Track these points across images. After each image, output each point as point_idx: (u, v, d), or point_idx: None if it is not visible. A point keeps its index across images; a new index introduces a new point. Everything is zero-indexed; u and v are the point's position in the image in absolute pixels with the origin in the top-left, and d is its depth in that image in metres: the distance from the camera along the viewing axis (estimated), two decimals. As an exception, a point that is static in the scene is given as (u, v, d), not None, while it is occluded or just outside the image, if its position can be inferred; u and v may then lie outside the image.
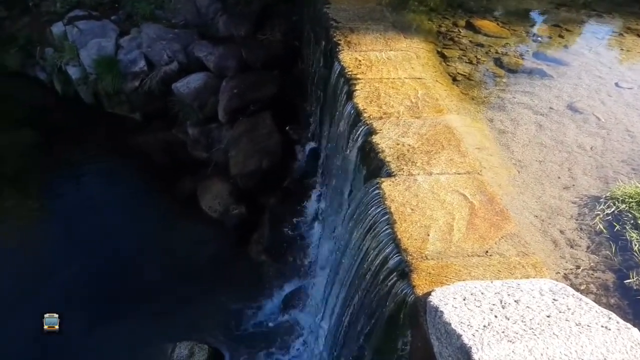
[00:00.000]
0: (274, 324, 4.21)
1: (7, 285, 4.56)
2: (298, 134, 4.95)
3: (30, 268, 4.74)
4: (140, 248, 5.01)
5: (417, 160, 2.77)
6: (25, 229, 5.14)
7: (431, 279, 2.22)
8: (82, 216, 5.30)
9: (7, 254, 4.87)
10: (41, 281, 4.65)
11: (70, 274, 4.72)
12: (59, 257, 4.87)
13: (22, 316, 4.32)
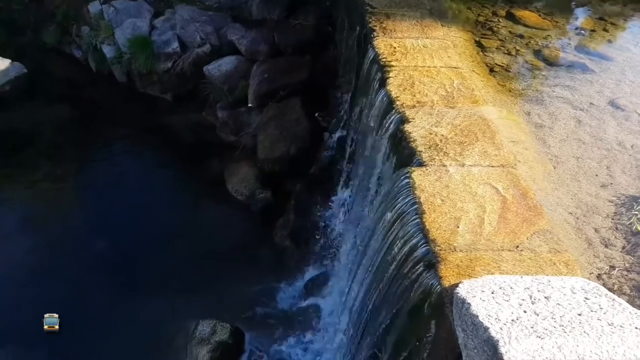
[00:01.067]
0: (295, 309, 4.24)
1: (37, 256, 4.69)
2: (327, 121, 4.93)
3: (60, 241, 4.87)
4: (166, 226, 5.09)
5: (450, 150, 2.72)
6: (57, 202, 5.28)
7: (459, 271, 2.19)
8: (112, 192, 5.41)
9: (39, 226, 5.01)
10: (70, 254, 4.77)
11: (98, 248, 4.84)
12: (88, 232, 4.99)
13: (49, 285, 4.46)
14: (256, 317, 4.25)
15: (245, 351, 4.07)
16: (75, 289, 4.49)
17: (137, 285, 4.54)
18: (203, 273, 4.63)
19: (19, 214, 5.16)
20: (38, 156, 5.67)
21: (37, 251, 4.77)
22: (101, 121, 6.15)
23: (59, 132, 5.94)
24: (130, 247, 4.90)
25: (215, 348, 3.91)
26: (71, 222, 5.12)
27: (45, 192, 5.39)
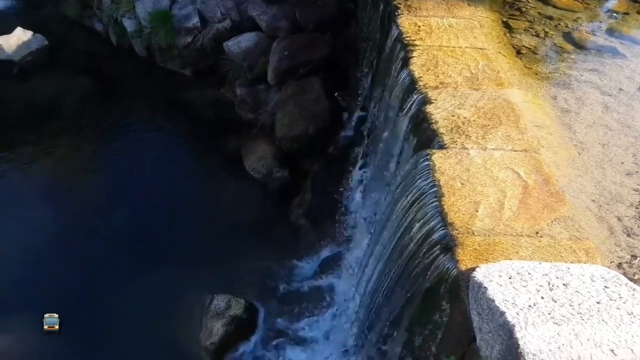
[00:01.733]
0: (309, 287, 4.27)
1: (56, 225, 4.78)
2: (346, 101, 4.88)
3: (78, 211, 4.95)
4: (183, 202, 5.14)
5: (472, 133, 2.68)
6: (76, 172, 5.35)
7: (476, 255, 2.17)
8: (130, 165, 5.47)
9: (58, 196, 5.10)
10: (88, 224, 4.85)
11: (116, 219, 4.91)
12: (106, 203, 5.06)
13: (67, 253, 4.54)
14: (270, 293, 4.29)
15: (258, 326, 4.13)
16: (93, 258, 4.57)
17: (153, 258, 4.61)
18: (219, 248, 4.68)
19: (39, 183, 5.25)
20: (58, 127, 5.73)
21: (56, 220, 4.86)
22: (120, 95, 6.18)
23: (79, 104, 5.99)
24: (147, 220, 4.96)
25: (229, 322, 3.98)
26: (89, 194, 5.19)
27: (65, 162, 5.46)
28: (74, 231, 4.78)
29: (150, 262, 4.57)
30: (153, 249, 4.71)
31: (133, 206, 5.05)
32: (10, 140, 5.56)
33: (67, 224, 4.84)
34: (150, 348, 4.05)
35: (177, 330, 4.16)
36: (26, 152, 5.49)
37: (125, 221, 4.92)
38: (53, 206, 5.00)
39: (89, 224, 4.86)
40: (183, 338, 4.12)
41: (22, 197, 5.06)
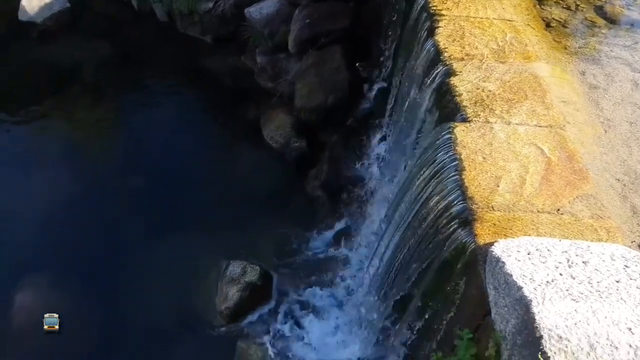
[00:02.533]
0: (323, 258, 4.30)
1: (75, 188, 4.85)
2: (368, 72, 4.80)
3: (97, 175, 5.01)
4: (201, 168, 5.17)
5: (496, 107, 2.63)
6: (96, 136, 5.41)
7: (495, 230, 2.16)
8: (149, 131, 5.49)
9: (78, 159, 5.16)
10: (106, 188, 4.91)
11: (134, 184, 4.95)
12: (125, 167, 5.11)
13: (86, 216, 4.63)
14: (285, 262, 4.33)
15: (272, 294, 4.18)
16: (111, 221, 4.65)
17: (171, 223, 4.67)
18: (235, 215, 4.72)
19: (59, 146, 5.30)
20: (79, 91, 5.76)
21: (75, 183, 4.92)
22: (141, 59, 6.17)
23: (100, 67, 6.00)
24: (165, 185, 5.00)
25: (244, 288, 4.03)
26: (108, 157, 5.24)
27: (85, 125, 5.51)
28: (92, 194, 4.85)
29: (167, 227, 4.63)
30: (170, 213, 4.76)
31: (151, 171, 5.09)
32: (31, 102, 5.61)
33: (86, 187, 4.91)
34: (167, 310, 4.14)
35: (193, 293, 4.24)
36: (46, 115, 5.55)
37: (144, 186, 4.97)
38: (72, 169, 5.06)
39: (107, 187, 4.93)
40: (199, 301, 4.20)
41: (42, 160, 5.12)
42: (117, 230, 4.61)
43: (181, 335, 4.03)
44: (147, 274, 4.33)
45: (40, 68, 5.96)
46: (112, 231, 4.60)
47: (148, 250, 4.48)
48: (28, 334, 3.92)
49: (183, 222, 4.69)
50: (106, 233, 4.59)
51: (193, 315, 4.15)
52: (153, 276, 4.31)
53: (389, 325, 2.96)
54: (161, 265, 4.38)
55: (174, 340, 4.01)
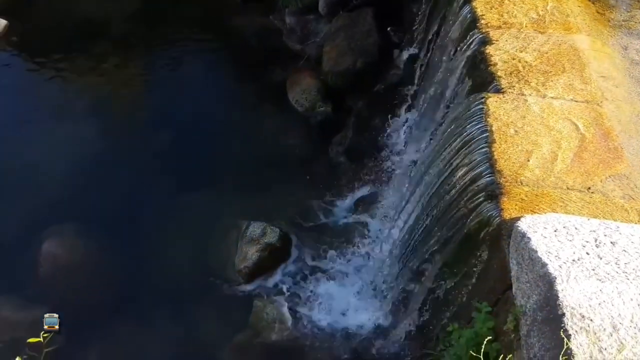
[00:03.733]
0: (343, 223, 4.30)
1: (102, 142, 4.91)
2: (399, 37, 4.67)
3: (124, 130, 5.06)
4: (224, 129, 5.17)
5: (532, 79, 2.54)
6: (123, 92, 5.43)
7: (522, 205, 2.12)
8: (175, 89, 5.49)
9: (105, 114, 5.21)
10: (132, 143, 4.95)
11: (159, 141, 4.98)
12: (150, 125, 5.14)
13: (112, 171, 4.71)
14: (305, 225, 4.35)
15: (290, 256, 4.23)
16: (135, 177, 4.71)
17: (193, 181, 4.72)
18: (257, 177, 4.73)
19: (88, 99, 5.34)
20: (108, 45, 5.75)
21: (102, 137, 4.98)
22: (169, 17, 6.10)
23: (129, 23, 5.96)
24: (189, 143, 5.03)
25: (263, 248, 4.08)
26: (135, 113, 5.28)
27: (113, 80, 5.52)
28: (118, 148, 4.91)
29: (189, 184, 4.68)
30: (193, 171, 4.81)
31: (176, 128, 5.11)
32: (60, 56, 5.63)
33: (113, 141, 4.96)
34: (187, 265, 4.23)
35: (213, 251, 4.31)
36: (76, 68, 5.57)
37: (169, 143, 5.00)
38: (99, 122, 5.10)
39: (133, 142, 4.98)
40: (218, 259, 4.27)
41: (70, 112, 5.17)
42: (141, 185, 4.68)
43: (199, 291, 4.12)
44: (169, 229, 4.40)
45: (71, 21, 5.96)
46: (136, 186, 4.67)
47: (170, 206, 4.55)
48: (52, 281, 4.08)
49: (205, 180, 4.73)
50: (131, 187, 4.66)
51: (212, 272, 4.22)
52: (175, 231, 4.39)
53: (405, 294, 2.98)
54: (183, 221, 4.45)
55: (192, 295, 4.11)
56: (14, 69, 5.56)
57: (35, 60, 5.64)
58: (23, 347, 2.50)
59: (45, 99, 5.29)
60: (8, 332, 3.49)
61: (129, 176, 4.72)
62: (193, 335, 3.94)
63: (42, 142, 4.84)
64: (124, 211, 4.52)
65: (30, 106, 5.22)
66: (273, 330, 3.88)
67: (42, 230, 4.25)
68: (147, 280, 4.16)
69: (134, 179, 4.71)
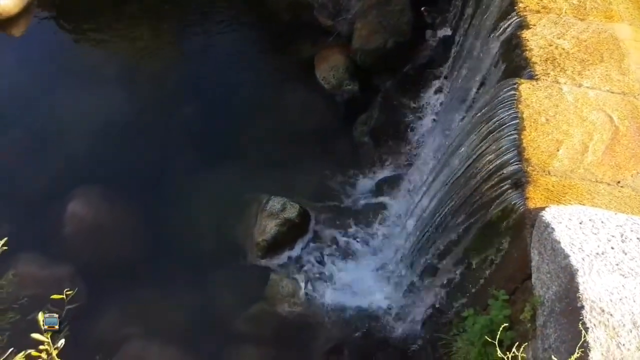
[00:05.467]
0: (363, 203, 4.30)
1: (132, 107, 4.97)
2: (433, 17, 4.56)
3: (153, 97, 5.10)
4: (250, 102, 5.17)
5: (568, 67, 2.47)
6: (154, 59, 5.45)
7: (548, 195, 2.08)
8: (204, 59, 5.49)
9: (135, 80, 5.25)
10: (160, 111, 5.00)
11: (185, 111, 5.03)
12: (178, 93, 5.17)
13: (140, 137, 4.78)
14: (324, 203, 4.36)
15: (309, 232, 4.25)
16: (160, 144, 4.77)
17: (217, 152, 4.75)
18: (279, 151, 4.74)
19: (117, 66, 5.38)
20: (139, 14, 5.75)
21: (129, 102, 5.03)
22: (202, -15, 6.08)
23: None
24: (215, 113, 5.06)
25: (282, 223, 4.11)
26: (163, 82, 5.29)
27: (143, 49, 5.54)
28: (145, 114, 4.96)
29: (213, 155, 4.72)
30: (217, 142, 4.84)
31: (203, 98, 5.13)
32: (92, 23, 5.67)
33: (140, 107, 5.01)
34: (206, 234, 4.30)
35: (233, 222, 4.36)
36: (106, 36, 5.60)
37: (194, 112, 5.03)
38: (127, 88, 5.14)
39: (160, 109, 5.02)
40: (237, 230, 4.32)
41: (100, 76, 5.22)
42: (167, 153, 4.74)
43: (218, 259, 4.20)
44: (192, 198, 4.47)
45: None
46: (162, 153, 4.73)
47: (194, 175, 4.60)
48: (76, 241, 4.19)
49: (229, 151, 4.76)
50: (156, 154, 4.72)
51: (231, 242, 4.28)
52: (197, 200, 4.45)
53: (422, 278, 2.98)
54: (205, 190, 4.50)
55: (210, 262, 4.18)
56: (47, 34, 5.63)
57: (68, 26, 5.69)
58: (46, 303, 2.61)
59: (77, 64, 5.35)
60: (33, 287, 3.61)
61: (155, 143, 4.78)
62: (209, 301, 4.01)
63: (73, 106, 4.92)
64: (149, 177, 4.60)
65: (62, 70, 5.29)
66: (287, 304, 3.94)
67: (69, 191, 4.35)
68: (168, 245, 4.25)
69: (160, 146, 4.77)
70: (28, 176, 4.44)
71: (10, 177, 4.42)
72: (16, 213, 4.18)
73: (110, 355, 3.61)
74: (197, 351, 3.78)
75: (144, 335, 3.81)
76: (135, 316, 3.91)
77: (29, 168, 4.49)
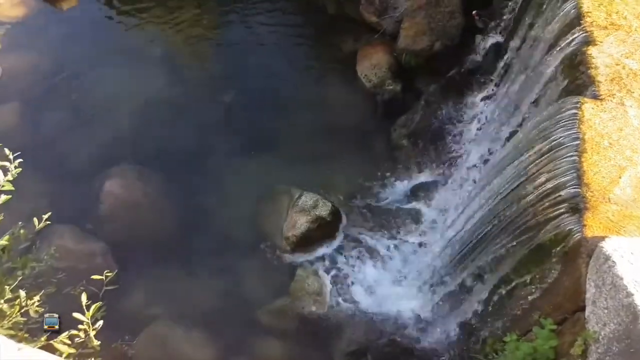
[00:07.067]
0: (396, 208, 4.22)
1: (172, 92, 4.99)
2: (484, 22, 4.42)
3: (194, 83, 5.13)
4: (288, 94, 5.14)
5: (636, 89, 2.34)
6: (196, 47, 5.47)
7: (607, 225, 1.98)
8: (246, 49, 5.47)
9: (174, 64, 5.27)
10: (201, 97, 5.01)
11: (226, 99, 5.02)
12: (219, 81, 5.18)
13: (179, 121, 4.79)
14: (357, 204, 4.30)
15: (339, 231, 4.20)
16: (199, 131, 4.78)
17: (252, 141, 4.74)
18: (315, 147, 4.70)
19: (162, 48, 5.43)
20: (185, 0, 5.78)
21: (171, 87, 5.06)
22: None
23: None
24: (253, 103, 5.03)
25: (313, 220, 4.07)
26: (204, 67, 5.33)
27: (187, 34, 5.56)
28: (184, 99, 4.98)
29: (248, 144, 4.71)
30: (253, 132, 4.82)
31: (242, 87, 5.12)
32: (137, 3, 5.71)
33: (179, 92, 5.04)
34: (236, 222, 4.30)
35: (264, 213, 4.34)
36: (151, 19, 5.63)
37: (233, 100, 5.02)
38: (169, 72, 5.19)
39: (198, 95, 5.04)
40: (267, 222, 4.30)
41: (143, 60, 5.26)
42: (203, 139, 4.75)
43: (246, 249, 4.19)
44: (225, 185, 4.48)
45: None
46: (198, 138, 4.75)
47: (228, 162, 4.61)
48: (111, 218, 4.23)
49: (264, 142, 4.74)
50: (193, 139, 4.75)
51: (260, 233, 4.27)
52: (229, 187, 4.46)
53: (457, 292, 2.90)
54: (238, 179, 4.50)
55: (238, 251, 4.18)
56: (95, 12, 5.70)
57: (115, 5, 5.74)
58: (81, 277, 2.64)
59: (122, 43, 5.42)
60: (68, 260, 3.67)
61: (194, 127, 4.81)
62: (234, 289, 4.02)
63: (116, 84, 4.98)
64: (185, 160, 4.63)
65: (107, 48, 5.36)
66: (312, 301, 3.91)
67: (107, 169, 4.41)
68: (198, 228, 4.28)
69: (199, 130, 4.79)
70: (70, 152, 4.54)
71: (53, 152, 4.53)
72: (57, 187, 4.28)
73: (136, 334, 3.65)
74: (219, 338, 3.80)
75: (169, 316, 3.85)
76: (162, 296, 3.96)
77: (71, 144, 4.59)
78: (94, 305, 2.08)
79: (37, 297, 2.09)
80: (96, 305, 2.09)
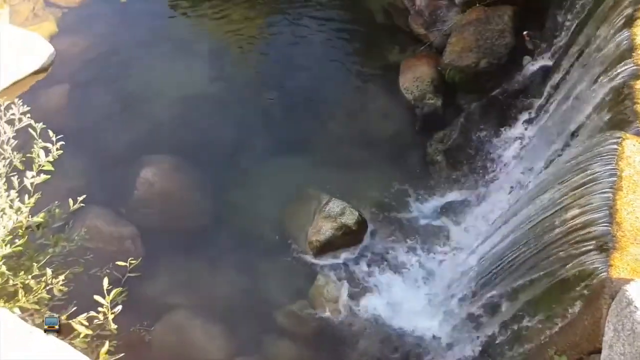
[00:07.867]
0: (424, 223, 4.17)
1: (217, 87, 5.11)
2: (534, 44, 4.31)
3: (237, 81, 5.24)
4: (328, 99, 5.16)
5: (683, 129, 2.24)
6: (241, 44, 5.57)
7: (635, 267, 1.90)
8: (290, 52, 5.54)
9: (220, 62, 5.38)
10: (244, 95, 5.11)
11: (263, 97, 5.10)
12: (261, 81, 5.27)
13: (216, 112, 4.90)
14: (385, 216, 4.27)
15: (363, 241, 4.18)
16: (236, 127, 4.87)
17: (287, 143, 4.80)
18: (348, 154, 4.70)
19: (209, 43, 5.56)
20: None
21: (214, 82, 5.18)
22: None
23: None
24: (292, 105, 5.09)
25: (339, 227, 4.07)
26: (248, 66, 5.42)
27: (235, 32, 5.67)
28: (225, 96, 5.09)
29: (283, 144, 4.77)
30: (289, 134, 4.87)
31: (283, 89, 5.19)
32: (192, 1, 5.86)
33: (221, 88, 5.15)
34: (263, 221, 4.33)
35: (290, 216, 4.37)
36: (199, 18, 5.77)
37: (272, 101, 5.09)
38: (214, 67, 5.31)
39: (239, 93, 5.14)
40: (293, 225, 4.32)
41: (190, 54, 5.40)
42: (240, 135, 4.83)
43: (269, 249, 4.22)
44: (255, 183, 4.53)
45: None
46: (235, 134, 4.83)
47: (261, 161, 4.68)
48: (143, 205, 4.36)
49: (299, 143, 4.79)
50: (230, 134, 4.83)
51: (285, 233, 4.29)
52: (259, 186, 4.51)
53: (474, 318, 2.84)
54: (268, 177, 4.56)
55: (262, 250, 4.21)
56: (150, 7, 5.91)
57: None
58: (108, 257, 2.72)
59: (170, 35, 5.57)
60: (98, 241, 3.81)
61: (233, 123, 4.91)
62: (254, 286, 4.06)
63: (162, 75, 5.15)
64: (220, 154, 4.73)
65: (155, 39, 5.54)
66: (329, 308, 3.91)
67: (145, 157, 4.55)
68: (226, 224, 4.35)
69: (236, 127, 4.88)
70: (111, 137, 4.71)
71: (95, 136, 4.71)
72: (95, 170, 4.45)
73: (155, 320, 3.74)
74: (236, 333, 3.84)
75: (189, 306, 3.92)
76: (184, 286, 4.03)
77: (113, 129, 4.76)
78: (114, 290, 2.15)
79: (62, 276, 2.18)
80: (117, 291, 2.16)
